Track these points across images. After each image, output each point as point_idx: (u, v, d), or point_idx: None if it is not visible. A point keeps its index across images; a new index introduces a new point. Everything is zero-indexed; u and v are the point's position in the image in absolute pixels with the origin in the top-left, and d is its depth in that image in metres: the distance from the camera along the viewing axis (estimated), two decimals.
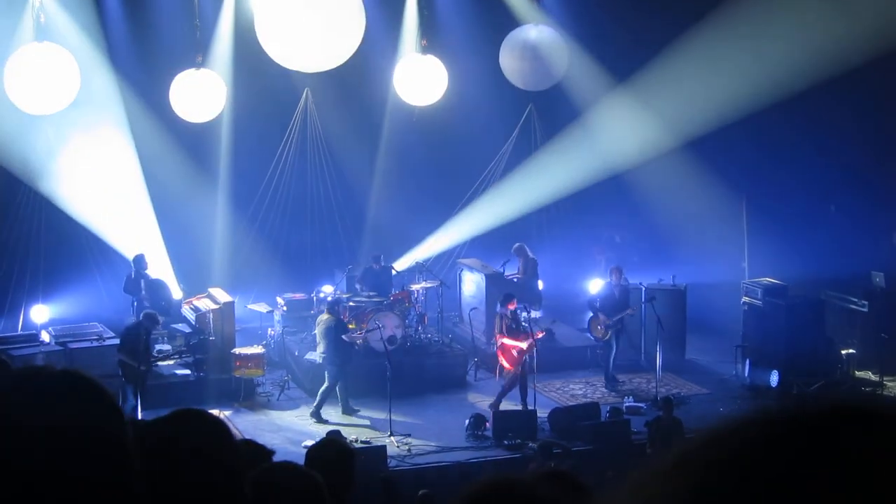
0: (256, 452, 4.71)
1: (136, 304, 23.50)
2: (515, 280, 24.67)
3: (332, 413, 21.29)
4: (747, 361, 23.45)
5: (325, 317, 21.29)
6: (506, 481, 2.45)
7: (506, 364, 21.22)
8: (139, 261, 23.86)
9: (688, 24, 25.78)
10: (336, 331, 21.05)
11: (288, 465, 4.33)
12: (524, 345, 20.76)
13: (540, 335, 21.24)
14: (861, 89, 25.20)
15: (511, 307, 20.98)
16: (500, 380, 21.95)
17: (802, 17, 24.51)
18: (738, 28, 25.55)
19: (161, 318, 21.35)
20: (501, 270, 24.85)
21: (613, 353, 23.05)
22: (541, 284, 25.42)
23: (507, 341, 20.94)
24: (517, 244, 25.37)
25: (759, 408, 1.49)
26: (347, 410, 21.25)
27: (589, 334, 23.94)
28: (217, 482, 3.08)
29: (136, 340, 19.99)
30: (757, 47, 25.58)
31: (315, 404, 21.07)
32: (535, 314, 23.32)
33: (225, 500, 3.09)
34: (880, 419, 1.41)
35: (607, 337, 23.00)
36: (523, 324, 21.17)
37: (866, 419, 1.40)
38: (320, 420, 20.84)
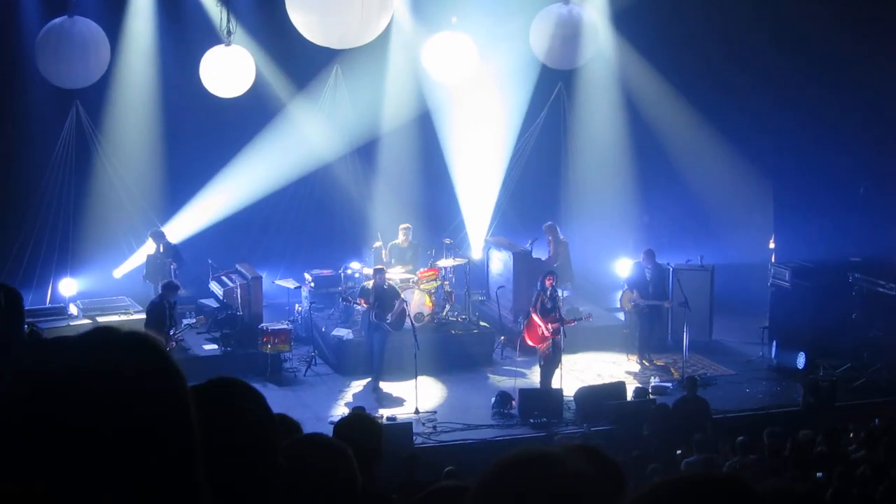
0: (285, 425, 4.73)
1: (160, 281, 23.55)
2: (546, 261, 24.61)
3: (361, 388, 21.44)
4: (774, 343, 23.45)
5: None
6: (536, 453, 2.47)
7: (529, 340, 21.30)
8: (159, 236, 23.85)
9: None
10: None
11: (318, 437, 4.35)
12: (550, 327, 20.77)
13: (570, 323, 21.24)
14: (889, 73, 25.06)
15: (548, 283, 20.96)
16: (521, 357, 22.14)
17: None
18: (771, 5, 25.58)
19: (178, 286, 21.38)
20: (529, 249, 24.81)
21: (643, 332, 23.11)
22: None
23: (537, 318, 20.97)
24: (548, 223, 25.33)
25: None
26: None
27: (623, 308, 24.05)
28: (256, 449, 3.11)
29: (162, 314, 20.13)
30: (787, 26, 25.48)
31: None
32: (564, 293, 23.33)
33: (262, 468, 3.12)
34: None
35: (631, 311, 23.15)
36: (558, 305, 21.15)
37: None
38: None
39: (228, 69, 22.35)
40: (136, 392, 2.11)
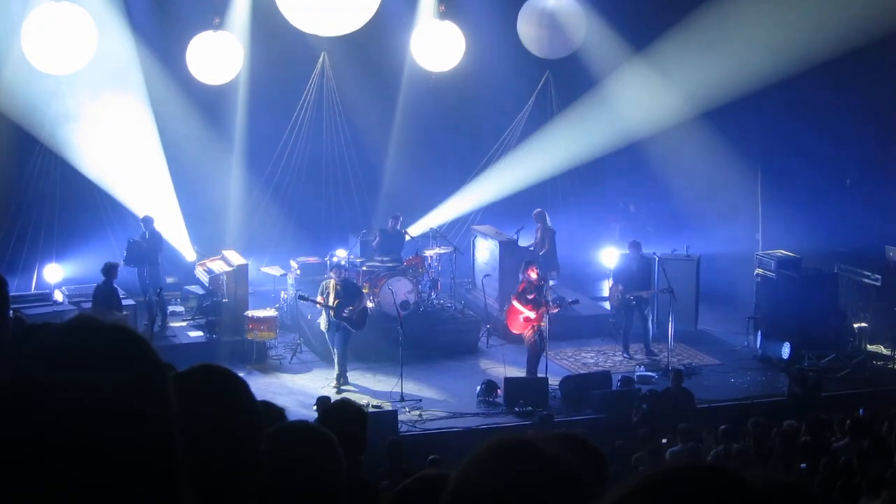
0: (270, 412, 4.74)
1: (147, 269, 23.38)
2: (531, 248, 24.62)
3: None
4: (759, 333, 23.48)
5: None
6: (516, 440, 2.48)
7: (510, 327, 21.38)
8: (148, 221, 23.72)
9: None
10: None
11: (303, 424, 4.36)
12: (532, 314, 20.80)
13: (554, 310, 21.23)
14: (881, 62, 25.10)
15: (531, 273, 20.96)
16: (507, 344, 22.22)
17: None
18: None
19: (118, 265, 21.35)
20: (515, 238, 24.82)
21: (628, 326, 23.07)
22: None
23: (517, 305, 21.01)
24: (538, 209, 25.31)
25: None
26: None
27: (609, 303, 23.94)
28: (239, 437, 3.11)
29: (110, 297, 20.30)
30: (778, 17, 25.45)
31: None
32: (550, 281, 23.31)
33: (246, 455, 3.12)
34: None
35: (621, 307, 23.05)
36: (543, 295, 21.12)
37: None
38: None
39: (216, 55, 22.30)
40: (116, 391, 2.08)
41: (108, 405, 2.05)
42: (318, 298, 21.01)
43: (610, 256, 25.68)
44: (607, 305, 25.31)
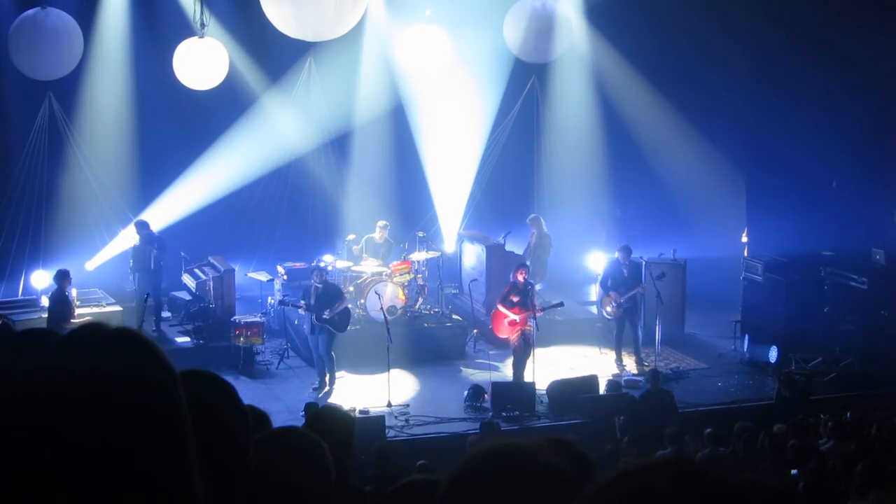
0: (258, 418, 4.73)
1: (138, 276, 23.34)
2: (522, 253, 24.60)
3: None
4: (746, 337, 23.50)
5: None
6: (508, 445, 2.48)
7: (495, 331, 21.38)
8: (143, 226, 23.64)
9: None
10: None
11: (293, 430, 4.36)
12: (516, 317, 20.80)
13: (539, 313, 21.19)
14: (863, 66, 25.14)
15: (520, 276, 20.93)
16: (494, 350, 22.22)
17: None
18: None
19: (69, 273, 21.27)
20: (502, 242, 24.81)
21: (620, 333, 22.89)
22: None
23: (501, 308, 21.01)
24: (533, 215, 25.32)
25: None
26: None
27: (604, 313, 23.60)
28: (227, 442, 3.10)
29: (66, 304, 20.29)
30: (764, 15, 25.53)
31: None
32: (537, 286, 23.27)
33: (233, 461, 3.11)
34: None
35: (618, 314, 22.79)
36: (529, 299, 21.06)
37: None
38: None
39: (202, 61, 22.28)
40: (128, 393, 2.07)
41: (122, 411, 2.05)
42: (302, 303, 21.02)
43: (597, 261, 25.66)
44: (594, 310, 25.29)
